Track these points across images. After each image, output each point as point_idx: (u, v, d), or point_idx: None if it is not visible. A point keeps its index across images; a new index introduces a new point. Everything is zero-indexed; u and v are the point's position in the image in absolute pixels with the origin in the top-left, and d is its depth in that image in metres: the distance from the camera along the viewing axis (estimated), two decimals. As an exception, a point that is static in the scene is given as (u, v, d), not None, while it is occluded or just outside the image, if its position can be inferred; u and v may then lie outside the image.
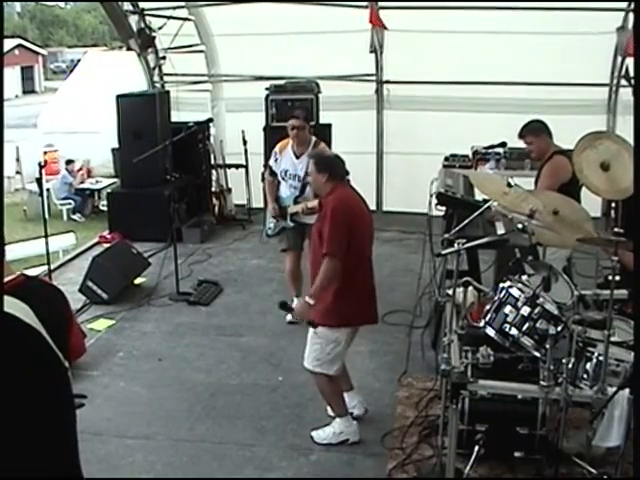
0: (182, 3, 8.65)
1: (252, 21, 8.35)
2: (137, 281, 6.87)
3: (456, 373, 3.33)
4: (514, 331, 3.43)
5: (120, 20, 8.38)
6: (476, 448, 3.67)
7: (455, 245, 3.58)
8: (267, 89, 8.31)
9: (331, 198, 3.99)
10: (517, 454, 3.70)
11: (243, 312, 6.21)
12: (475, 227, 4.42)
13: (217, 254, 7.83)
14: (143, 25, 8.61)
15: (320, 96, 8.21)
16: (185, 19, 8.71)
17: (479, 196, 4.93)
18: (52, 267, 6.42)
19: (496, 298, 3.57)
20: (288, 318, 5.79)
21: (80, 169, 14.60)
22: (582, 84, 8.10)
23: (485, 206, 4.15)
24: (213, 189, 9.16)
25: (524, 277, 3.66)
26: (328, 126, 8.03)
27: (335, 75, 8.66)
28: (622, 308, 3.77)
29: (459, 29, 7.92)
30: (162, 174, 7.57)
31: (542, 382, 3.33)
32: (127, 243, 7.17)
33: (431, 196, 4.80)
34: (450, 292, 3.82)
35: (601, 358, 3.28)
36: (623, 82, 8.25)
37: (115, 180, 11.39)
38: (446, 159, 7.84)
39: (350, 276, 3.93)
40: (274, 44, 8.46)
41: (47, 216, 6.49)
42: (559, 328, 3.36)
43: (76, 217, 13.80)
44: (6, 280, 1.95)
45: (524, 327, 3.41)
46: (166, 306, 6.36)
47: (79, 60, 21.55)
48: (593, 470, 3.57)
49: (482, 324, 3.57)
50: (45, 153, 14.76)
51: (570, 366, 3.32)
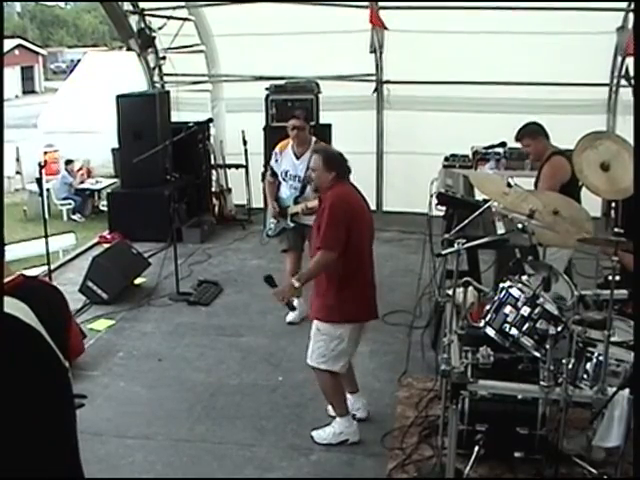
0: (182, 3, 8.66)
1: (252, 21, 8.35)
2: (137, 281, 6.87)
3: (456, 373, 3.33)
4: (514, 331, 3.43)
5: (120, 20, 8.38)
6: (476, 448, 3.67)
7: (455, 245, 3.58)
8: (267, 89, 8.31)
9: (330, 194, 3.99)
10: (517, 454, 3.69)
11: (243, 312, 6.20)
12: (475, 227, 4.42)
13: (217, 254, 7.83)
14: (143, 25, 8.61)
15: (320, 96, 8.20)
16: (185, 19, 8.71)
17: (479, 196, 4.93)
18: (52, 267, 6.42)
19: (496, 298, 3.57)
20: (288, 319, 5.80)
21: (80, 169, 14.62)
22: (582, 84, 8.10)
23: (485, 206, 4.15)
24: (213, 189, 9.17)
25: (524, 277, 3.66)
26: (328, 126, 8.03)
27: (335, 75, 8.66)
28: (622, 308, 3.77)
29: (459, 29, 7.92)
30: (162, 174, 7.56)
31: (542, 382, 3.33)
32: (127, 243, 7.17)
33: (431, 196, 4.79)
34: (450, 292, 3.82)
35: (601, 358, 3.28)
36: (623, 82, 8.24)
37: (115, 180, 11.39)
38: (446, 159, 7.86)
39: (351, 273, 3.94)
40: (274, 44, 8.46)
41: (47, 216, 6.48)
42: (559, 328, 3.36)
43: (76, 217, 13.81)
44: (5, 280, 1.95)
45: (524, 327, 3.41)
46: (166, 306, 6.36)
47: (79, 60, 21.55)
48: (593, 470, 3.57)
49: (482, 324, 3.57)
50: (45, 153, 14.78)
51: (570, 366, 3.32)
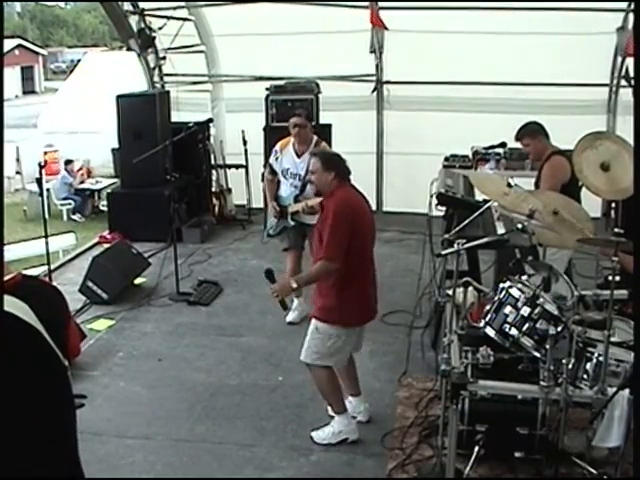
0: (182, 3, 8.66)
1: (252, 21, 8.35)
2: (137, 281, 6.87)
3: (456, 373, 3.33)
4: (514, 331, 3.43)
5: (120, 20, 8.38)
6: (476, 448, 3.67)
7: (455, 245, 3.58)
8: (267, 89, 8.30)
9: (333, 200, 3.96)
10: (517, 454, 3.69)
11: (243, 312, 6.20)
12: (475, 227, 4.42)
13: (217, 254, 7.82)
14: (143, 25, 8.61)
15: (320, 96, 8.20)
16: (185, 19, 8.71)
17: (479, 196, 4.93)
18: (52, 267, 6.41)
19: (496, 298, 3.57)
20: (288, 319, 5.80)
21: (80, 169, 14.61)
22: (582, 84, 8.10)
23: (485, 206, 4.15)
24: (213, 189, 9.17)
25: (524, 277, 3.67)
26: (328, 126, 8.02)
27: (335, 75, 8.66)
28: (622, 308, 3.77)
29: (459, 29, 7.92)
30: (162, 174, 7.56)
31: (542, 382, 3.33)
32: (127, 243, 7.17)
33: (431, 196, 4.79)
34: (450, 292, 3.82)
35: (601, 358, 3.29)
36: (623, 82, 8.25)
37: (115, 180, 11.39)
38: (446, 159, 7.86)
39: (353, 274, 3.94)
40: (274, 44, 8.47)
41: (47, 216, 6.47)
42: (559, 328, 3.36)
43: (76, 217, 13.80)
44: (5, 280, 1.95)
45: (524, 327, 3.42)
46: (166, 306, 6.36)
47: (79, 60, 21.57)
48: (593, 470, 3.57)
49: (482, 324, 3.58)
50: (45, 153, 14.77)
51: (570, 366, 3.32)
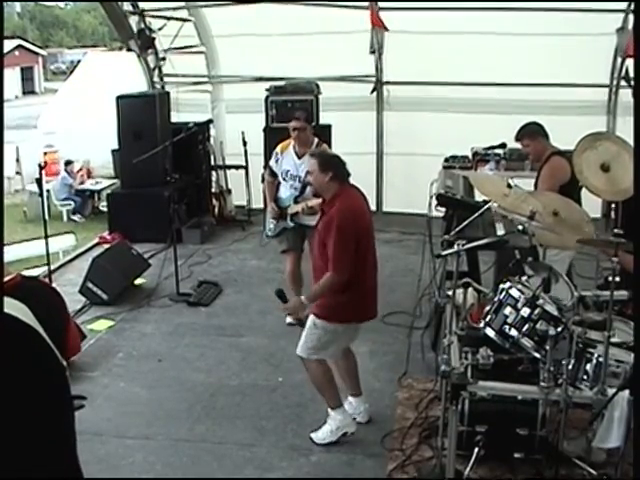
0: (182, 4, 8.67)
1: (252, 22, 8.36)
2: (137, 282, 6.87)
3: (456, 374, 3.33)
4: (514, 332, 3.43)
5: (120, 21, 8.39)
6: (476, 449, 3.67)
7: (455, 246, 3.58)
8: (267, 90, 8.31)
9: (336, 210, 3.90)
10: (517, 455, 3.69)
11: (243, 312, 6.21)
12: (475, 228, 4.42)
13: (217, 255, 7.83)
14: (143, 26, 8.62)
15: (320, 97, 8.21)
16: (185, 20, 8.72)
17: (479, 197, 4.93)
18: (52, 268, 6.42)
19: (496, 299, 3.57)
20: (288, 319, 5.80)
21: (80, 170, 14.61)
22: (582, 85, 8.11)
23: (485, 207, 4.15)
24: (213, 190, 9.17)
25: (524, 278, 3.67)
26: (328, 127, 8.03)
27: (335, 76, 8.66)
28: (622, 309, 3.77)
29: (459, 30, 7.92)
30: (162, 175, 7.56)
31: (542, 383, 3.33)
32: (127, 244, 7.17)
33: (431, 197, 4.79)
34: (450, 293, 3.82)
35: (601, 359, 3.28)
36: (623, 83, 8.25)
37: (115, 181, 11.40)
38: (446, 160, 7.87)
39: (353, 279, 3.92)
40: (274, 45, 8.47)
41: (47, 217, 6.48)
42: (559, 329, 3.36)
43: (76, 218, 13.80)
44: (4, 281, 1.95)
45: (524, 328, 3.41)
46: (166, 307, 6.36)
47: (79, 61, 21.55)
48: (593, 471, 3.57)
49: (482, 325, 3.57)
50: (45, 154, 14.76)
51: (570, 367, 3.32)
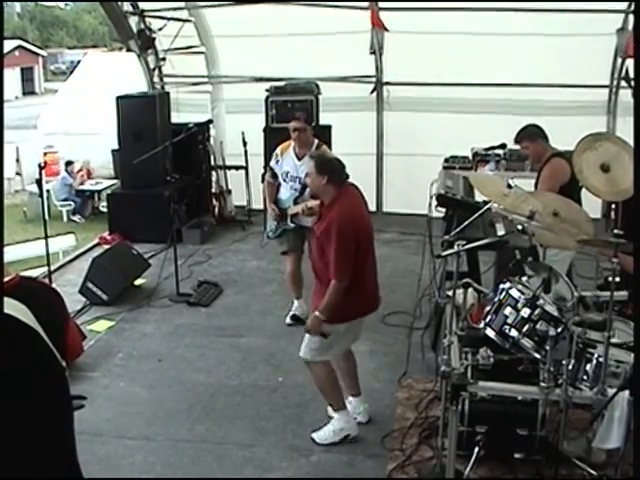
0: (182, 4, 8.67)
1: (252, 22, 8.35)
2: (137, 282, 6.87)
3: (456, 374, 3.33)
4: (514, 332, 3.43)
5: (120, 21, 8.39)
6: (476, 449, 3.67)
7: (455, 246, 3.58)
8: (267, 90, 8.30)
9: (334, 214, 3.89)
10: (517, 455, 3.69)
11: (243, 313, 6.21)
12: (475, 228, 4.42)
13: (217, 255, 7.83)
14: (143, 26, 8.62)
15: (320, 97, 8.20)
16: (185, 20, 8.71)
17: (479, 197, 4.94)
18: (52, 268, 6.42)
19: (496, 299, 3.56)
20: (288, 320, 5.81)
21: (80, 170, 14.61)
22: (582, 86, 8.10)
23: (485, 207, 4.16)
24: (213, 190, 9.17)
25: (524, 278, 3.67)
26: (328, 127, 8.02)
27: (335, 76, 8.66)
28: (622, 309, 3.77)
29: (459, 31, 7.92)
30: (162, 175, 7.57)
31: (542, 383, 3.33)
32: (127, 244, 7.17)
33: (431, 197, 4.79)
34: (450, 293, 3.82)
35: (601, 359, 3.28)
36: (623, 83, 8.25)
37: (115, 181, 11.41)
38: (446, 160, 7.87)
39: (354, 280, 3.91)
40: (274, 45, 8.47)
41: (47, 217, 6.48)
42: (559, 329, 3.36)
43: (76, 218, 13.81)
44: (3, 281, 1.95)
45: (524, 328, 3.41)
46: (166, 307, 6.36)
47: (79, 61, 21.51)
48: (593, 472, 3.57)
49: (482, 325, 3.57)
50: (45, 154, 14.78)
51: (570, 367, 3.32)
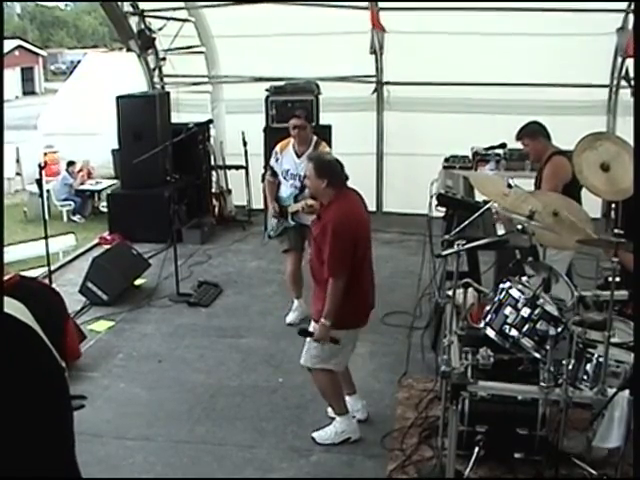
0: (182, 4, 8.67)
1: (252, 22, 8.35)
2: (137, 282, 6.87)
3: (456, 374, 3.33)
4: (514, 332, 3.43)
5: (120, 21, 8.38)
6: (476, 449, 3.67)
7: (455, 246, 3.58)
8: (267, 90, 8.30)
9: (331, 214, 3.89)
10: (517, 455, 3.69)
11: (243, 313, 6.20)
12: (475, 228, 4.41)
13: (217, 255, 7.83)
14: (143, 26, 8.61)
15: (320, 97, 8.20)
16: (185, 20, 8.72)
17: (479, 197, 4.93)
18: (52, 268, 6.42)
19: (496, 299, 3.56)
20: (288, 320, 5.81)
21: (80, 170, 14.61)
22: (582, 85, 8.10)
23: (485, 207, 4.15)
24: (213, 190, 9.17)
25: (524, 278, 3.66)
26: (328, 127, 8.02)
27: (335, 76, 8.66)
28: (622, 309, 3.77)
29: (459, 30, 7.92)
30: (162, 175, 7.56)
31: (542, 383, 3.33)
32: (127, 244, 7.17)
33: (431, 197, 4.79)
34: (450, 293, 3.82)
35: (601, 359, 3.28)
36: (623, 83, 8.25)
37: (115, 181, 11.41)
38: (446, 160, 7.87)
39: (351, 282, 3.91)
40: (274, 45, 8.46)
41: (47, 217, 6.48)
42: (559, 329, 3.36)
43: (76, 218, 13.80)
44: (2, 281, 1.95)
45: (524, 328, 3.41)
46: (166, 307, 6.36)
47: (79, 61, 21.53)
48: (593, 471, 3.57)
49: (482, 325, 3.57)
50: (45, 154, 14.78)
51: (570, 367, 3.32)
